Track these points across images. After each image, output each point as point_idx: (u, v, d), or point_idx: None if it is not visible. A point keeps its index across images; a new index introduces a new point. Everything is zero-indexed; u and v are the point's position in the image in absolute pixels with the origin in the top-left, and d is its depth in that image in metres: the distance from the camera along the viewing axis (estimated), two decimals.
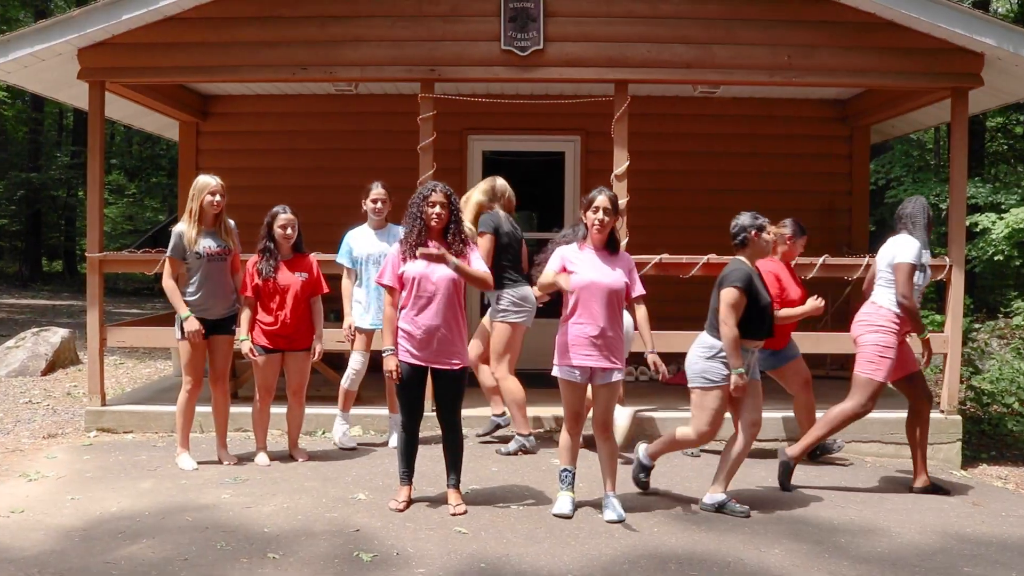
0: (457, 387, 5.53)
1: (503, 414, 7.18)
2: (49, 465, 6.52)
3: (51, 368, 11.23)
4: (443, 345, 5.40)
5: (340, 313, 7.25)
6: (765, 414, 7.57)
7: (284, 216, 6.45)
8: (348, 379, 7.08)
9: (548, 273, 5.48)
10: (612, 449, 5.54)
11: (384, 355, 5.45)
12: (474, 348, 7.08)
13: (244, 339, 6.42)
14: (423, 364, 5.43)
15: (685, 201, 9.71)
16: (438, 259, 5.34)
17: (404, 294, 5.44)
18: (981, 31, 7.19)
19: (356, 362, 7.04)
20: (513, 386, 6.91)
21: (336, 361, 8.14)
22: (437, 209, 5.42)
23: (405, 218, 5.52)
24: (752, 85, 8.35)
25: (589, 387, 5.54)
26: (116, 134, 33.00)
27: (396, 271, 5.45)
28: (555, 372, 5.47)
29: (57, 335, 11.76)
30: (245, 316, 6.46)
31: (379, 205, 7.00)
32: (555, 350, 5.48)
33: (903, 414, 7.64)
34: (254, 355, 6.42)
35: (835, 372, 9.61)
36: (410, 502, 5.55)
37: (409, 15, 7.46)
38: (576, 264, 5.44)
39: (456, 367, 5.47)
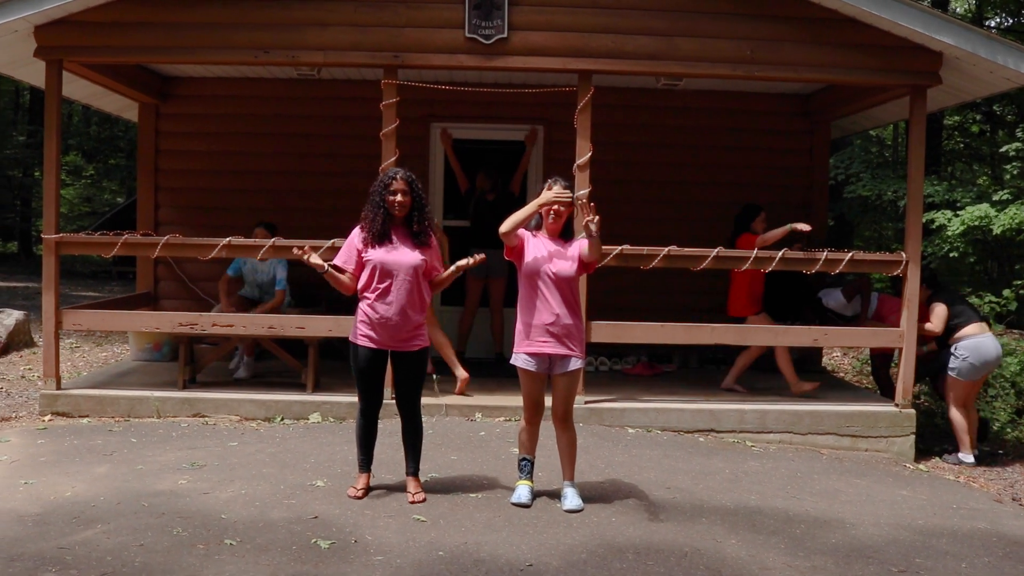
0: (417, 369, 5.51)
1: None
2: (2, 449, 6.42)
3: (5, 350, 11.06)
4: (403, 329, 5.39)
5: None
6: (750, 406, 7.70)
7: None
8: None
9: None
10: (571, 439, 5.56)
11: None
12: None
13: None
14: (383, 348, 5.41)
15: (646, 193, 9.76)
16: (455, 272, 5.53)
17: (364, 279, 5.42)
18: (940, 30, 7.29)
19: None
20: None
21: (295, 348, 8.08)
22: (399, 197, 5.37)
23: (367, 205, 5.47)
24: (715, 78, 8.39)
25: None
26: (74, 114, 32.53)
27: (351, 252, 5.42)
28: (513, 361, 5.49)
29: (11, 317, 11.57)
30: None
31: None
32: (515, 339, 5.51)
33: (857, 407, 7.78)
34: None
35: None
36: (368, 490, 5.54)
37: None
38: (530, 250, 5.45)
39: (415, 348, 5.47)
